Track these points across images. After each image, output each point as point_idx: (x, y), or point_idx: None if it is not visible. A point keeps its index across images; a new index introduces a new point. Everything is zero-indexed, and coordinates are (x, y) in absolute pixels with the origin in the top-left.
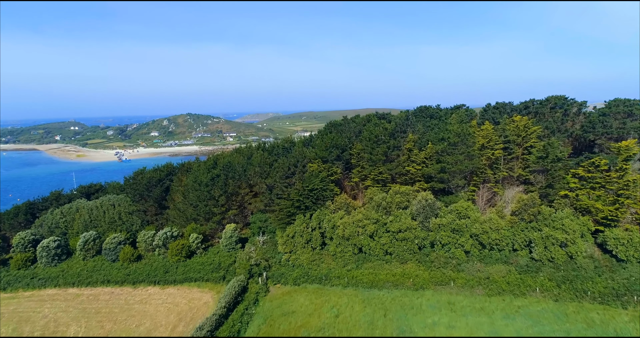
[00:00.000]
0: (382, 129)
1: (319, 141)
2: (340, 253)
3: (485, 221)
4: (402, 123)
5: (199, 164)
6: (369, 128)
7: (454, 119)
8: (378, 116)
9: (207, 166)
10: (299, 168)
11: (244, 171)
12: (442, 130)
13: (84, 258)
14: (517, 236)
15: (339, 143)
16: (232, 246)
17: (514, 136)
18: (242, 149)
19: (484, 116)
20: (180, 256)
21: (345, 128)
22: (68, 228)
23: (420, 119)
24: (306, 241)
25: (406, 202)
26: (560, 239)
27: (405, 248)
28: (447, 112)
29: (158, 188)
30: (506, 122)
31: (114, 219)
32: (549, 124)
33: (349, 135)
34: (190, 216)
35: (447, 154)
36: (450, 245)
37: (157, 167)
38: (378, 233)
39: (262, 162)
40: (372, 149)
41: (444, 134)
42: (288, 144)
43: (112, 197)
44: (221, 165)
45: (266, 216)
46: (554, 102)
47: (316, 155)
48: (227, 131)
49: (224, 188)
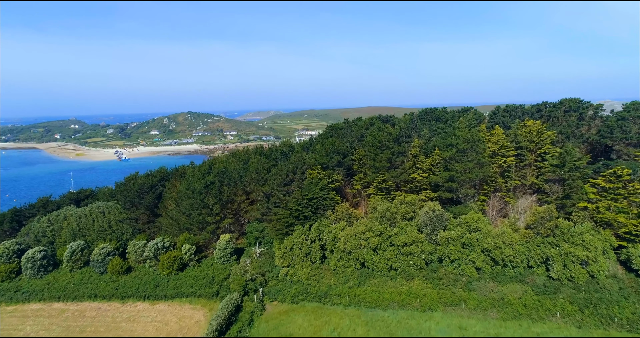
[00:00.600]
0: (386, 134)
1: (319, 145)
2: (341, 268)
3: (498, 235)
4: (406, 127)
5: (194, 169)
6: (372, 132)
7: (462, 123)
8: (381, 119)
9: (202, 171)
10: (297, 175)
11: (240, 177)
12: (450, 135)
13: (71, 269)
14: (532, 252)
15: (340, 148)
16: (227, 258)
17: (526, 141)
18: (239, 153)
19: (493, 119)
20: (171, 269)
21: (346, 131)
22: (55, 237)
23: (425, 123)
24: (305, 255)
25: (412, 213)
26: (581, 256)
27: (412, 263)
28: (454, 115)
29: (150, 194)
30: (518, 127)
31: (104, 228)
32: (563, 128)
33: (350, 139)
34: (183, 225)
35: (455, 161)
36: (460, 260)
37: (150, 172)
38: (382, 246)
39: (259, 167)
40: (375, 155)
41: (452, 139)
42: (287, 148)
43: (102, 204)
44: (216, 171)
45: (263, 225)
46: (568, 105)
47: (316, 161)
48: (228, 129)
49: (218, 195)
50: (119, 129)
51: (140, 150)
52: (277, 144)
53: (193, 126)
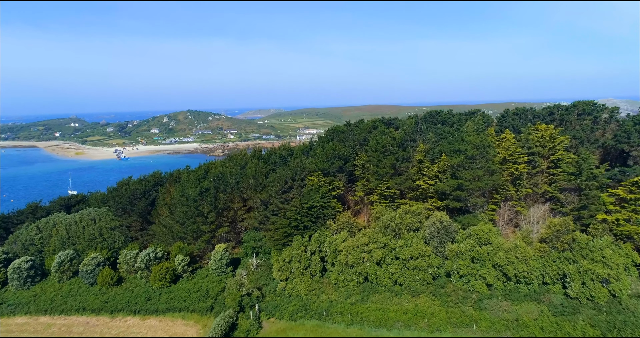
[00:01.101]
0: (389, 139)
1: (319, 150)
2: (343, 282)
3: (510, 249)
4: (411, 131)
5: (189, 173)
6: (375, 136)
7: (470, 127)
8: (384, 121)
9: (197, 176)
10: (297, 181)
11: (237, 183)
12: (457, 140)
13: (60, 280)
14: (548, 268)
15: (342, 152)
16: (222, 269)
17: (538, 147)
18: (236, 157)
19: (501, 122)
20: (164, 281)
21: (348, 135)
22: (44, 245)
23: (430, 126)
24: (304, 267)
25: (417, 223)
26: (602, 274)
27: (418, 278)
28: (460, 117)
29: (143, 201)
30: (529, 132)
31: (94, 236)
32: (576, 133)
33: (352, 144)
34: (177, 234)
35: (464, 168)
36: (470, 276)
37: (143, 177)
38: (386, 259)
39: (257, 173)
40: (379, 161)
41: (460, 145)
42: (286, 152)
43: (93, 211)
44: (212, 176)
45: (260, 234)
46: (582, 107)
47: (316, 167)
48: (228, 128)
49: (214, 203)
50: (118, 128)
51: (140, 149)
52: (275, 148)
53: (193, 125)
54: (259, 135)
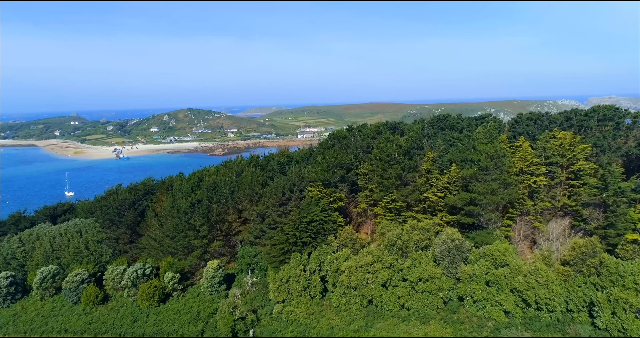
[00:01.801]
0: (395, 147)
1: (319, 157)
2: (345, 306)
3: (530, 272)
4: (417, 137)
5: (181, 181)
6: (379, 143)
7: (481, 134)
8: (389, 126)
9: (190, 184)
10: (295, 193)
11: (232, 192)
12: (468, 148)
13: (42, 297)
14: (572, 295)
15: (344, 161)
16: (215, 288)
17: (557, 156)
18: (232, 164)
19: (514, 128)
20: (152, 300)
21: (350, 141)
22: (27, 259)
23: (438, 131)
24: (303, 289)
25: (426, 241)
26: (635, 304)
27: (427, 302)
28: (470, 123)
29: (131, 212)
30: (547, 140)
31: (80, 249)
32: (597, 140)
33: (355, 151)
34: (167, 248)
35: (476, 180)
36: (485, 301)
37: (133, 185)
38: (392, 281)
39: (253, 181)
40: (383, 171)
41: (472, 155)
42: (284, 159)
43: (79, 222)
44: (205, 184)
45: (256, 249)
46: (602, 113)
47: (316, 177)
48: (229, 126)
49: (206, 215)
50: (118, 126)
51: (140, 148)
52: (274, 154)
53: (193, 123)
54: (259, 134)
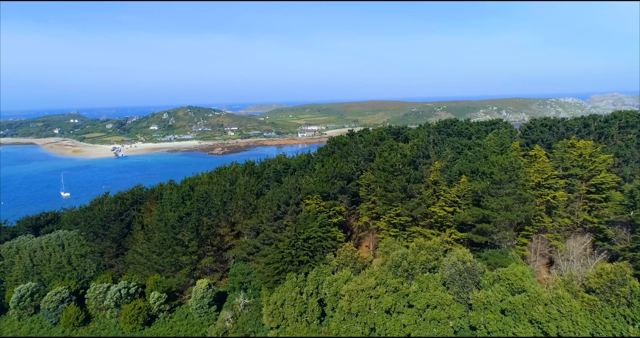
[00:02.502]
0: (399, 157)
1: (318, 165)
2: (345, 334)
3: (551, 301)
4: (424, 145)
5: (172, 189)
6: (382, 151)
7: (492, 142)
8: (392, 131)
9: (181, 193)
10: (291, 206)
11: (224, 204)
12: (479, 157)
13: (20, 317)
14: (600, 328)
15: (344, 170)
16: (205, 309)
17: (576, 168)
18: (225, 171)
19: (527, 134)
20: (136, 323)
21: (351, 148)
22: (5, 274)
23: (445, 138)
24: (299, 313)
25: (434, 261)
26: None
27: (436, 331)
28: (479, 129)
29: (117, 223)
30: (565, 149)
31: (62, 264)
32: (619, 149)
33: (356, 159)
34: (154, 265)
35: (489, 195)
36: (501, 332)
37: (120, 194)
38: (397, 307)
39: (247, 192)
40: (387, 183)
41: (484, 166)
42: (281, 166)
43: (62, 234)
44: (197, 195)
45: (250, 266)
46: (624, 119)
47: (314, 188)
48: (229, 124)
49: (196, 229)
50: (118, 125)
51: (139, 147)
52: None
53: (193, 121)
54: (259, 132)
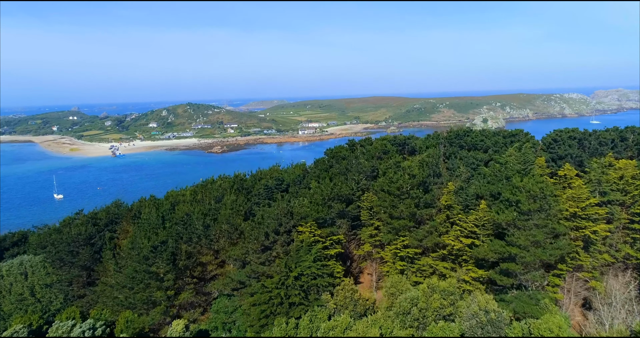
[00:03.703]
0: (406, 178)
1: (314, 184)
2: None
3: None
4: (434, 162)
5: (151, 207)
6: (386, 168)
7: (514, 158)
8: (397, 142)
9: (161, 212)
10: (281, 235)
11: (207, 228)
12: (500, 178)
13: None
14: None
15: (343, 191)
16: None
17: (616, 192)
18: (212, 187)
19: (553, 148)
20: None
21: (352, 163)
22: None
23: (457, 151)
24: None
25: (450, 307)
26: None
27: None
28: (496, 141)
29: (87, 249)
30: (602, 170)
31: (24, 296)
32: None
33: (357, 177)
34: (125, 301)
35: (515, 227)
36: None
37: (93, 214)
38: None
39: (233, 212)
40: (393, 208)
41: (507, 191)
42: (273, 181)
43: (26, 260)
44: (177, 217)
45: (235, 303)
46: None
47: (309, 212)
48: (229, 122)
49: (172, 260)
50: (117, 122)
51: (137, 145)
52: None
53: (192, 119)
54: (259, 129)
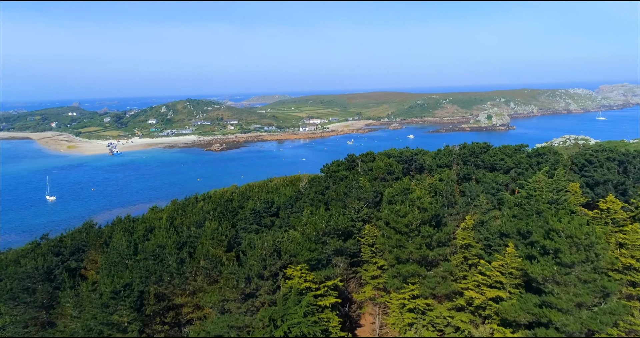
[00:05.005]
0: (417, 212)
1: (307, 212)
2: None
3: None
4: (449, 190)
5: (123, 234)
6: (391, 196)
7: (543, 185)
8: (403, 159)
9: (133, 240)
10: (267, 280)
11: (181, 264)
12: (528, 212)
13: None
14: None
15: (341, 224)
16: None
17: None
18: (195, 209)
19: (587, 171)
20: None
21: (350, 186)
22: None
23: (473, 171)
24: None
25: None
26: None
27: None
28: (520, 160)
29: (45, 286)
30: None
31: None
32: None
33: (357, 205)
34: None
35: (554, 281)
36: None
37: (60, 239)
38: None
39: (214, 243)
40: (399, 249)
41: (540, 234)
42: (262, 204)
43: None
44: (148, 250)
45: None
46: None
47: (299, 250)
48: (229, 118)
49: (138, 307)
50: (116, 118)
51: (135, 142)
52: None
53: (192, 115)
54: (260, 126)
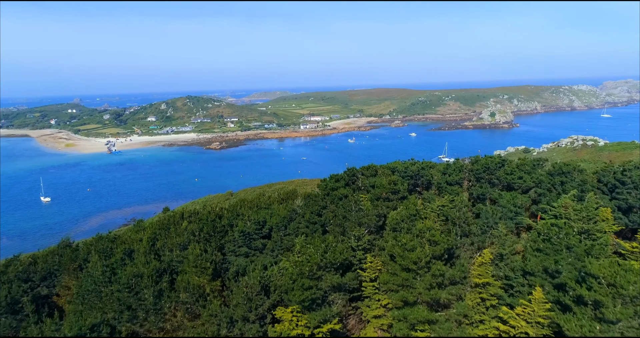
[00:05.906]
0: (427, 247)
1: (299, 241)
2: None
3: None
4: (463, 217)
5: (100, 257)
6: (396, 221)
7: (571, 210)
8: (409, 174)
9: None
10: (253, 323)
11: (158, 298)
12: (557, 247)
13: None
14: None
15: (338, 257)
16: None
17: None
18: (180, 230)
19: (618, 193)
20: None
21: (350, 207)
22: None
23: (487, 191)
24: None
25: None
26: None
27: None
28: (540, 179)
29: (8, 320)
30: None
31: None
32: None
33: (358, 232)
34: None
35: None
36: None
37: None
38: None
39: (198, 270)
40: (406, 289)
41: (572, 278)
42: (253, 226)
43: None
44: (123, 281)
45: None
46: None
47: (290, 287)
48: (229, 115)
49: None
50: (115, 115)
51: (134, 140)
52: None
53: (192, 112)
54: (260, 124)
